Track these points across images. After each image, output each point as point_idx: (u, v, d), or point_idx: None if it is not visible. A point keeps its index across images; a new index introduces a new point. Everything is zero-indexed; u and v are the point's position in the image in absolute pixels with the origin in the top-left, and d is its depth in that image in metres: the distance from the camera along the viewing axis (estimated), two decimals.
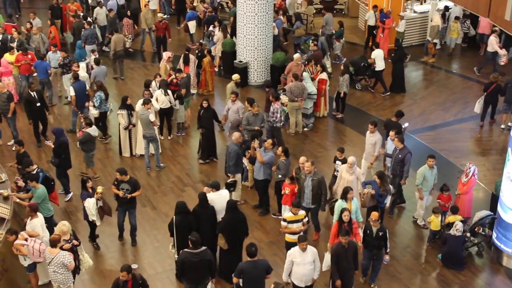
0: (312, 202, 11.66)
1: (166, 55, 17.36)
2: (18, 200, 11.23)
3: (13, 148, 13.09)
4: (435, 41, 20.61)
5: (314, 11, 24.47)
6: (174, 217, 10.71)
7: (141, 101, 14.46)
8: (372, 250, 10.64)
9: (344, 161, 12.37)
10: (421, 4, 22.90)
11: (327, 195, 12.02)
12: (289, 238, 10.81)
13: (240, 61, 18.55)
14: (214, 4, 23.10)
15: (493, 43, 18.85)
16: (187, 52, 17.74)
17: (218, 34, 19.55)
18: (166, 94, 15.25)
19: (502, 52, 18.84)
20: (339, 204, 11.04)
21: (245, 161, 13.60)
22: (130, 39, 20.76)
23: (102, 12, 20.85)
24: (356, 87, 18.31)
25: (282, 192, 11.92)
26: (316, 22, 24.08)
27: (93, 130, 13.71)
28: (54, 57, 17.32)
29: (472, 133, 16.30)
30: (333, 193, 12.41)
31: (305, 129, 16.27)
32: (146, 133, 14.15)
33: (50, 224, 11.21)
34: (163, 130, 15.77)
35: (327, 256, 10.65)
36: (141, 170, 14.53)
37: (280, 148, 12.49)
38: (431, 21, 21.35)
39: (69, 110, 17.22)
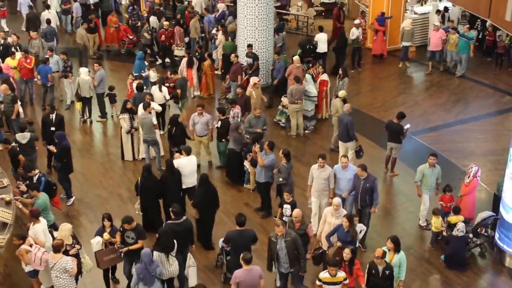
0: (290, 266, 10.12)
1: (253, 80, 15.98)
2: (20, 206, 11.22)
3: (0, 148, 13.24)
4: (410, 44, 20.20)
5: (315, 13, 24.49)
6: (139, 178, 11.85)
7: (142, 105, 14.49)
8: None
9: (293, 204, 11.26)
10: (422, 5, 22.94)
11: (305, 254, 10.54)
12: None
13: (241, 63, 18.53)
14: (216, 8, 23.20)
15: None
16: (191, 55, 17.77)
17: (220, 37, 19.57)
18: (160, 90, 15.44)
19: None
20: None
21: (246, 163, 13.62)
22: (182, 47, 19.84)
23: (156, 21, 20.81)
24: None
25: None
26: (317, 24, 24.10)
27: (20, 137, 13.38)
28: (51, 61, 17.37)
29: (474, 133, 16.29)
30: (317, 240, 11.21)
31: (306, 131, 16.26)
32: (148, 137, 14.15)
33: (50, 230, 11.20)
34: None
35: None
36: None
37: (281, 151, 12.48)
38: (434, 24, 21.38)
39: (70, 114, 17.29)
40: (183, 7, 22.09)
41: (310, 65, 17.22)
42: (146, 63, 18.72)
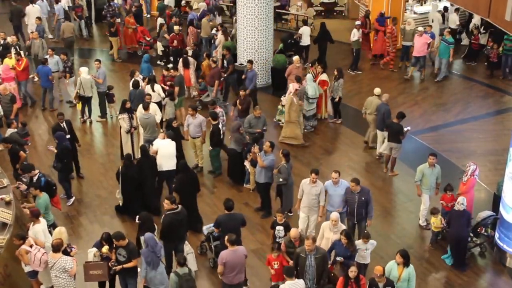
0: (316, 282, 9.87)
1: (293, 87, 15.54)
2: (28, 212, 11.16)
3: (0, 148, 13.26)
4: (411, 44, 19.96)
5: (314, 13, 24.50)
6: (120, 167, 12.39)
7: (141, 105, 14.50)
8: None
9: (286, 226, 10.82)
10: (421, 5, 22.93)
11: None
12: None
13: (241, 64, 18.56)
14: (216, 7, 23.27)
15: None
16: (185, 56, 17.75)
17: (219, 37, 19.57)
18: (153, 90, 15.45)
19: None
20: (390, 266, 9.81)
21: (246, 163, 13.62)
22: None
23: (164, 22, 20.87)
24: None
25: (271, 270, 10.25)
26: (317, 24, 24.11)
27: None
28: (51, 61, 17.34)
29: (473, 133, 16.29)
30: None
31: (305, 130, 16.21)
32: (151, 137, 14.06)
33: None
34: None
35: None
36: None
37: (280, 152, 12.46)
38: (432, 21, 21.37)
39: (70, 114, 17.28)
40: (163, 5, 22.21)
41: (310, 64, 17.21)
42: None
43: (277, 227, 10.89)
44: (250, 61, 17.10)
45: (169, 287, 9.58)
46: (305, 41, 20.18)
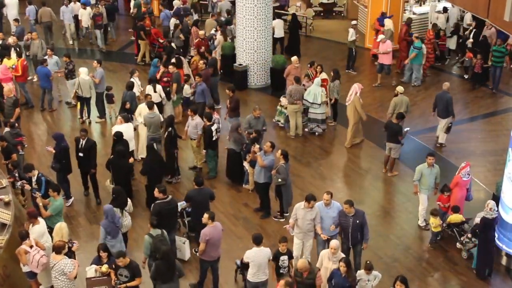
0: None
1: (359, 87, 15.35)
2: (41, 204, 11.17)
3: None
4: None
5: (313, 13, 24.50)
6: (109, 157, 12.94)
7: (142, 105, 14.50)
8: None
9: (290, 254, 10.16)
10: (420, 5, 22.93)
11: None
12: None
13: (240, 64, 18.57)
14: (215, 9, 23.24)
15: None
16: (178, 56, 17.70)
17: (218, 37, 19.57)
18: (155, 90, 15.50)
19: None
20: None
21: (246, 164, 13.62)
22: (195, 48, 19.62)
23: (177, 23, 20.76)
24: None
25: None
26: (316, 24, 24.14)
27: None
28: (51, 62, 17.33)
29: (473, 134, 16.29)
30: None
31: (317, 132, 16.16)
32: (156, 135, 14.11)
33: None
34: None
35: None
36: None
37: (279, 152, 12.45)
38: (435, 20, 21.33)
39: (70, 114, 17.29)
40: (139, 2, 22.19)
41: (309, 65, 17.20)
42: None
43: (281, 257, 10.03)
44: (199, 75, 16.01)
45: (143, 249, 10.09)
46: (278, 33, 20.65)
